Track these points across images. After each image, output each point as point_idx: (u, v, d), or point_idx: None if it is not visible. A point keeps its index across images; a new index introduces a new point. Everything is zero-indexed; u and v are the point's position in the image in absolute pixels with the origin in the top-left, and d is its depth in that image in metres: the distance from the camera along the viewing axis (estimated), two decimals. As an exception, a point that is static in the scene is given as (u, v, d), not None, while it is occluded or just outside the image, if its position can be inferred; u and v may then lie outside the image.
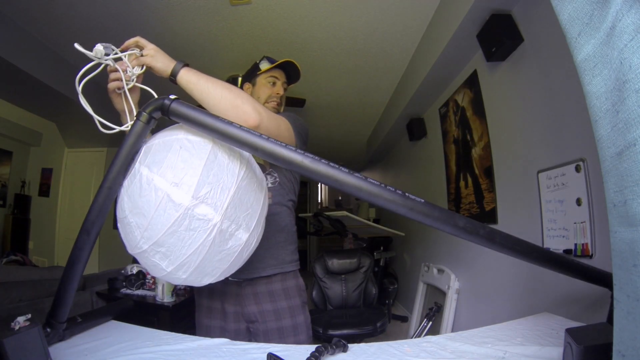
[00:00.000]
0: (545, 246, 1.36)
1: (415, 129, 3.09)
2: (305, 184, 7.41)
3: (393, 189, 0.58)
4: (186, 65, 0.80)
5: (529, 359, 0.71)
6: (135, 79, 0.77)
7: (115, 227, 0.65)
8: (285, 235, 1.09)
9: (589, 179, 1.15)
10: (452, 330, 2.14)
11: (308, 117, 3.94)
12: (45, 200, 4.64)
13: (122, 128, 0.69)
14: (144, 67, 0.78)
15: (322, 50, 2.54)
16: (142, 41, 0.79)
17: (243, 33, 2.33)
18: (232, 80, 2.95)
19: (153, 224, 0.58)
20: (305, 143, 1.08)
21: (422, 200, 0.59)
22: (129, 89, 0.76)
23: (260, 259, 1.01)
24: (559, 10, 0.46)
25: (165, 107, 0.63)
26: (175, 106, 0.63)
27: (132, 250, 0.64)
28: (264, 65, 1.19)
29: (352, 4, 2.03)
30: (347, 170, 0.59)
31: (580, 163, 1.18)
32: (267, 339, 1.03)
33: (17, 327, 0.57)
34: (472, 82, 2.05)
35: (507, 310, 1.66)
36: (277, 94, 1.17)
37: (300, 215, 4.93)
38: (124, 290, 2.05)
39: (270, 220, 1.02)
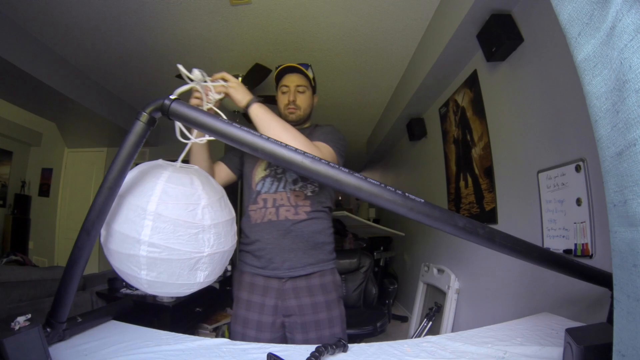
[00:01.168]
0: (545, 246, 1.36)
1: (415, 129, 3.09)
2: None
3: (393, 189, 0.58)
4: (260, 101, 0.98)
5: (529, 359, 0.71)
6: (213, 104, 0.91)
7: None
8: (323, 237, 1.17)
9: (589, 179, 1.15)
10: (452, 330, 2.14)
11: (308, 117, 3.94)
12: (45, 200, 4.64)
13: (196, 140, 0.78)
14: (223, 95, 0.94)
15: (322, 50, 2.55)
16: (227, 75, 0.96)
17: (243, 33, 2.34)
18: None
19: (174, 204, 0.64)
20: (343, 157, 1.17)
21: (422, 201, 0.59)
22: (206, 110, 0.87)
23: (300, 259, 1.11)
24: (559, 10, 0.46)
25: (165, 108, 0.63)
26: (175, 106, 0.63)
27: (138, 201, 0.64)
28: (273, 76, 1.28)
29: (352, 4, 2.04)
30: (347, 170, 0.59)
31: (580, 163, 1.18)
32: (304, 331, 1.10)
33: (17, 327, 0.57)
34: (472, 82, 2.05)
35: (507, 310, 1.66)
36: (290, 100, 1.22)
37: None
38: (124, 290, 2.05)
39: (309, 224, 1.13)
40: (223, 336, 2.54)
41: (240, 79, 2.92)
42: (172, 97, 0.65)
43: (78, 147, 4.60)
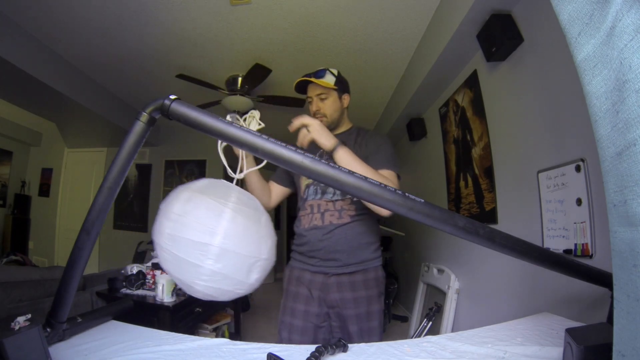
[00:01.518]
0: (545, 246, 1.36)
1: (415, 129, 3.09)
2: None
3: (393, 189, 0.58)
4: (344, 143, 1.06)
5: (529, 359, 0.71)
6: None
7: (116, 226, 0.66)
8: (367, 238, 1.23)
9: (589, 179, 1.15)
10: (452, 330, 2.14)
11: (308, 117, 3.93)
12: (45, 200, 4.64)
13: (238, 176, 0.86)
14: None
15: (322, 50, 2.54)
16: (306, 120, 1.03)
17: (243, 33, 2.33)
18: (232, 80, 2.95)
19: (246, 209, 0.73)
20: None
21: (422, 201, 0.59)
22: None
23: (345, 260, 1.19)
24: (559, 10, 0.46)
25: (165, 108, 0.63)
26: (176, 106, 0.63)
27: (218, 199, 0.70)
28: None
29: (352, 4, 2.03)
30: (347, 170, 0.59)
31: (580, 163, 1.18)
32: (344, 323, 1.19)
33: (17, 327, 0.57)
34: (472, 82, 2.05)
35: (507, 310, 1.66)
36: (316, 110, 1.26)
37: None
38: (124, 290, 2.05)
39: (353, 227, 1.20)
40: (223, 336, 2.54)
41: (240, 79, 2.92)
42: (172, 97, 0.65)
43: (78, 147, 4.60)
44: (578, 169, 1.19)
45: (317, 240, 1.20)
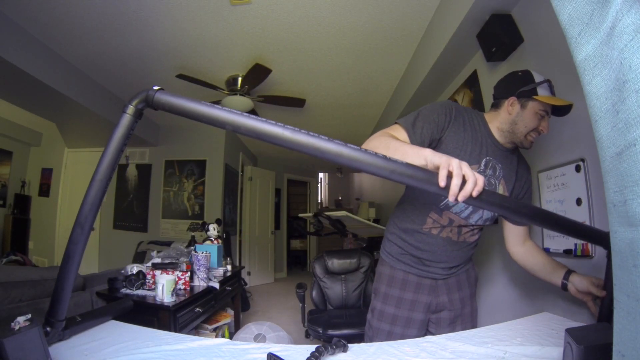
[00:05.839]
0: (545, 246, 1.36)
1: (415, 129, 3.09)
2: (305, 183, 7.42)
3: (373, 153, 0.60)
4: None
5: (529, 359, 0.71)
6: None
7: (116, 227, 0.66)
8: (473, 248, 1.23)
9: (589, 179, 1.14)
10: (452, 330, 2.13)
11: (308, 117, 3.93)
12: (45, 200, 4.63)
13: None
14: None
15: (322, 50, 2.54)
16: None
17: (243, 33, 2.33)
18: (232, 80, 2.95)
19: None
20: None
21: (405, 162, 0.59)
22: None
23: (458, 269, 1.20)
24: (559, 10, 0.46)
25: (150, 98, 0.64)
26: (160, 96, 0.64)
27: None
28: (543, 93, 1.05)
29: (352, 4, 2.03)
30: (326, 138, 0.60)
31: (580, 163, 1.18)
32: (452, 324, 1.18)
33: (17, 327, 0.57)
34: (472, 82, 2.05)
35: (507, 310, 1.66)
36: (542, 131, 1.05)
37: (300, 215, 4.93)
38: (124, 290, 2.05)
39: (477, 242, 1.20)
40: (223, 336, 2.54)
41: (240, 79, 2.92)
42: (155, 87, 0.65)
43: (78, 147, 4.60)
44: (578, 169, 1.19)
45: (443, 252, 1.13)
